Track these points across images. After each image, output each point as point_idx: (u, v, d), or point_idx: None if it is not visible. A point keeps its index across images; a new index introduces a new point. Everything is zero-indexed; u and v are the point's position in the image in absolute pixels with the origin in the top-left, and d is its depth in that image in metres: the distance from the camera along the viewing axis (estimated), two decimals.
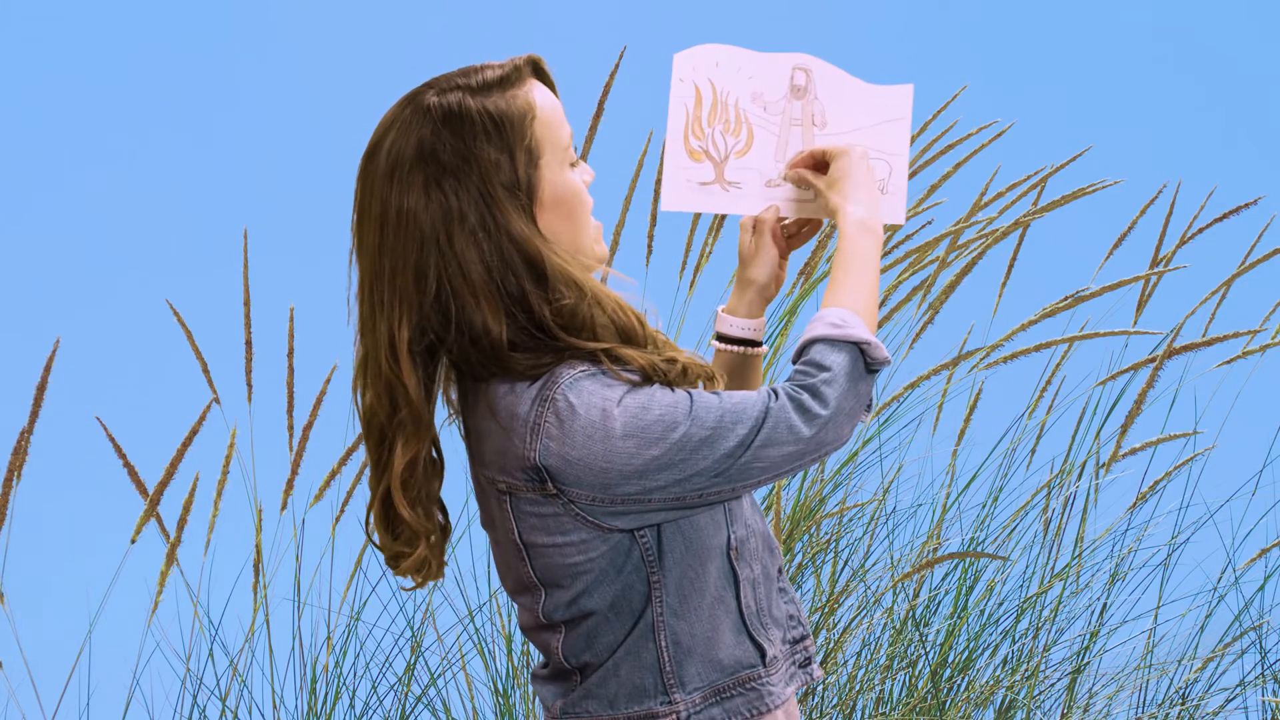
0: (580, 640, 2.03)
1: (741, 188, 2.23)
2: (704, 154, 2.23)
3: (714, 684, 2.02)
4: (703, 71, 2.21)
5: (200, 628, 3.52)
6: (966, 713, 3.77)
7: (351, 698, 3.62)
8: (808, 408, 1.98)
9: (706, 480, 1.96)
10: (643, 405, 1.94)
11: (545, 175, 1.99)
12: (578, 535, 1.98)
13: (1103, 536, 3.90)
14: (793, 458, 1.98)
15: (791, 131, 2.22)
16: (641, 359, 1.97)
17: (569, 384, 1.95)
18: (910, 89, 2.22)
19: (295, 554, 3.54)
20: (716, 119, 2.22)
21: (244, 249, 3.46)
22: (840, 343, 2.02)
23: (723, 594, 2.02)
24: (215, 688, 3.55)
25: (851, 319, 2.04)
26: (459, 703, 3.69)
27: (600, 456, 1.94)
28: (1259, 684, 3.93)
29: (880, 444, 3.81)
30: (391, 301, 1.97)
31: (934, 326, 3.76)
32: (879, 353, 2.04)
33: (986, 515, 3.88)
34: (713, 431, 1.95)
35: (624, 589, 2.00)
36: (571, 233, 2.01)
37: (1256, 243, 3.93)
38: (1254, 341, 3.80)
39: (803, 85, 2.22)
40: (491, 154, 1.97)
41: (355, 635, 3.62)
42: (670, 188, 2.24)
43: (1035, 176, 3.85)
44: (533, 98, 2.00)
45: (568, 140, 2.01)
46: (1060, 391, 3.88)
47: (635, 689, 2.02)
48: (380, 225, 1.97)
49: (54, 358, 3.23)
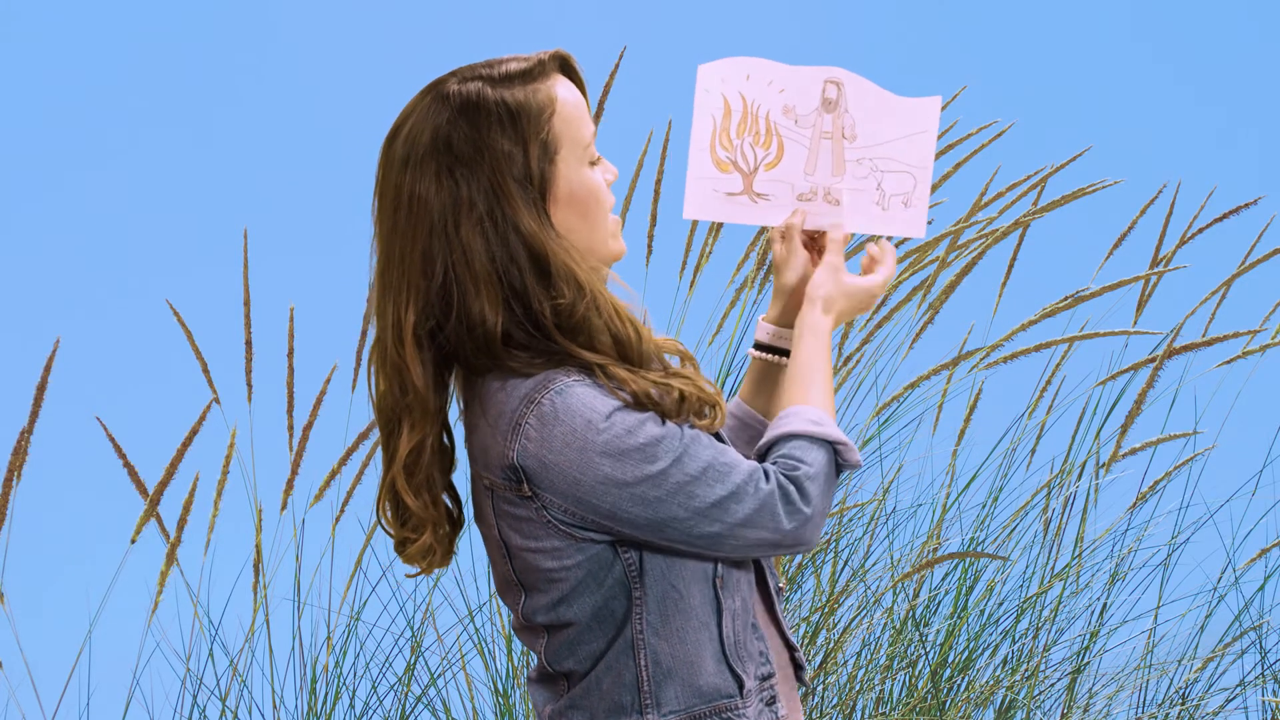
0: (563, 647, 2.02)
1: (771, 200, 2.23)
2: (732, 165, 2.23)
3: (691, 710, 2.01)
4: (733, 84, 2.21)
5: (200, 628, 3.52)
6: (966, 713, 3.77)
7: (351, 698, 3.62)
8: (793, 501, 1.99)
9: (680, 534, 1.96)
10: (629, 429, 1.94)
11: (561, 171, 1.99)
12: (550, 542, 1.98)
13: (1103, 536, 3.90)
14: (767, 545, 1.99)
15: (822, 144, 2.23)
16: (634, 384, 1.96)
17: (559, 389, 1.94)
18: (937, 101, 2.22)
19: (295, 554, 3.54)
20: (746, 131, 2.23)
21: (244, 249, 3.46)
22: (820, 441, 2.03)
23: (707, 620, 2.02)
24: (215, 688, 3.55)
25: (826, 418, 2.05)
26: (459, 703, 3.69)
27: (575, 466, 1.93)
28: (1259, 684, 3.93)
29: (880, 444, 3.81)
30: (400, 285, 1.98)
31: (934, 326, 3.76)
32: (852, 455, 2.05)
33: (986, 515, 3.88)
34: (693, 479, 1.95)
35: (606, 601, 1.99)
36: (586, 230, 2.01)
37: (1256, 243, 3.93)
38: (1254, 341, 3.80)
39: (834, 98, 2.22)
40: (505, 145, 1.97)
41: (355, 635, 3.62)
42: (695, 196, 2.24)
43: (1035, 176, 3.85)
44: (555, 92, 2.00)
45: (589, 138, 2.01)
46: (1060, 391, 3.89)
47: (614, 705, 2.01)
48: (394, 210, 1.98)
49: (54, 358, 3.23)
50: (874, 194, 2.22)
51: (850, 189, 2.22)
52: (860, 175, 2.22)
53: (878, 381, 3.80)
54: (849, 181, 2.22)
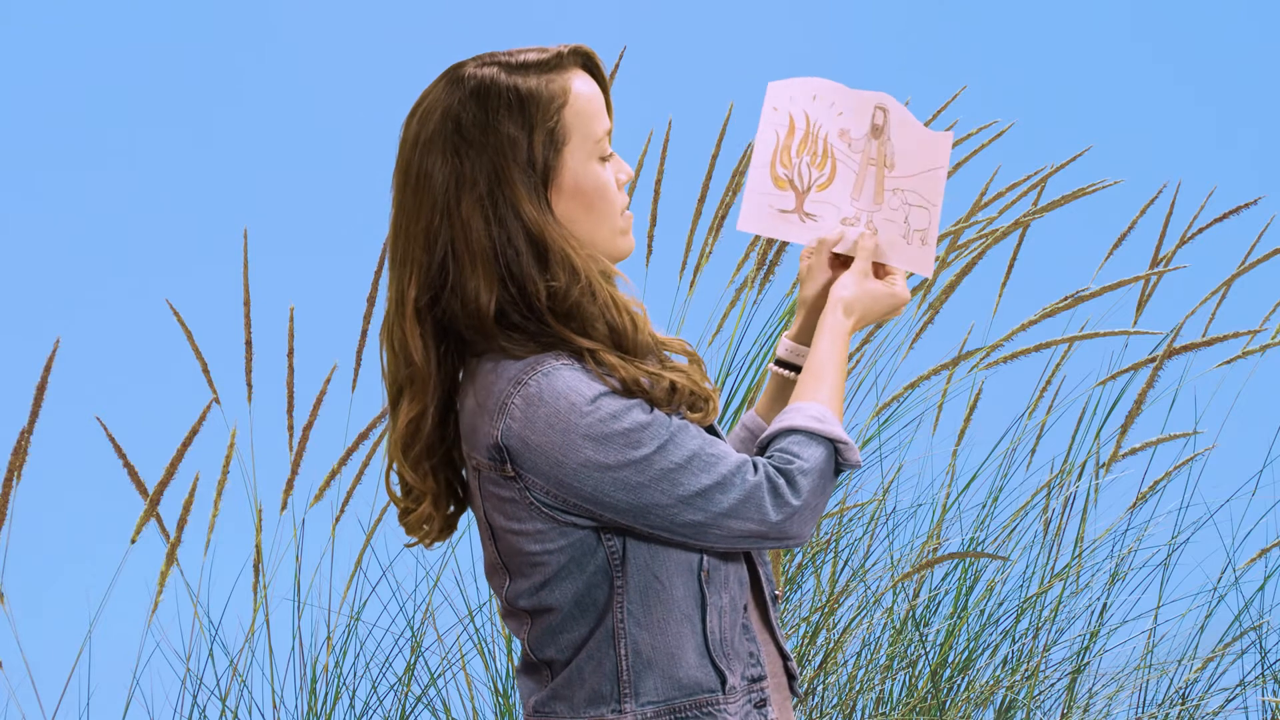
0: (546, 634, 2.03)
1: (819, 221, 2.25)
2: (789, 182, 2.25)
3: (671, 702, 2.02)
4: (800, 103, 2.23)
5: (200, 628, 3.52)
6: (966, 713, 3.77)
7: (351, 698, 3.62)
8: (781, 493, 2.00)
9: (663, 521, 1.97)
10: (614, 414, 1.96)
11: (568, 162, 2.02)
12: (533, 525, 1.99)
13: (1103, 536, 3.90)
14: (752, 537, 2.00)
15: (868, 171, 2.24)
16: (623, 370, 1.98)
17: (547, 371, 1.96)
18: (950, 136, 2.23)
19: (295, 554, 3.54)
20: (805, 150, 2.24)
21: (244, 249, 3.46)
22: (820, 438, 2.04)
23: (690, 613, 2.02)
24: (215, 688, 3.55)
25: (830, 416, 2.06)
26: (459, 703, 3.69)
27: (557, 448, 1.95)
28: (1259, 684, 3.93)
29: (880, 444, 3.81)
30: (405, 260, 2.02)
31: (934, 326, 3.76)
32: (852, 455, 2.06)
33: (986, 515, 3.88)
34: (677, 467, 1.97)
35: (588, 589, 2.01)
36: (590, 223, 2.03)
37: (1256, 243, 3.93)
38: (1254, 341, 3.80)
39: (880, 125, 2.23)
40: (511, 130, 2.00)
41: (355, 635, 3.62)
42: (750, 209, 2.26)
43: (1035, 176, 3.85)
44: (571, 84, 2.02)
45: (601, 133, 2.03)
46: (1060, 391, 3.89)
47: (594, 694, 2.02)
48: (403, 186, 2.02)
49: (54, 358, 3.23)
50: (902, 227, 2.23)
51: (886, 220, 2.23)
52: (894, 206, 2.24)
53: (878, 381, 3.80)
54: (885, 212, 2.23)
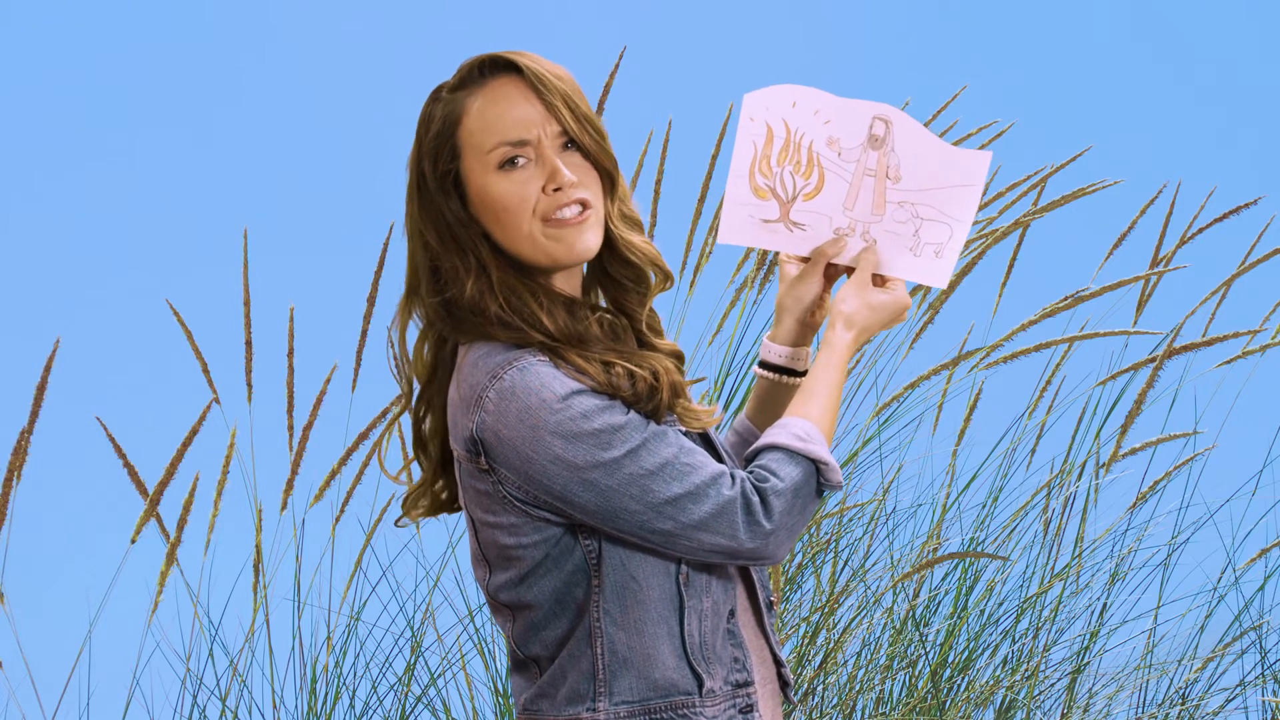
0: (528, 630, 2.06)
1: (807, 230, 2.22)
2: (770, 192, 2.22)
3: (646, 702, 2.03)
4: (776, 111, 2.19)
5: (200, 628, 3.52)
6: (966, 713, 3.77)
7: (351, 698, 3.62)
8: (754, 513, 2.01)
9: (632, 526, 1.99)
10: (585, 413, 1.98)
11: (470, 179, 2.07)
12: (507, 518, 2.02)
13: (1103, 536, 3.90)
14: (722, 553, 2.01)
15: (864, 181, 2.21)
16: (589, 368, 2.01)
17: (522, 366, 1.99)
18: (989, 156, 2.19)
19: (295, 554, 3.54)
20: (787, 159, 2.21)
21: (244, 249, 3.46)
22: (800, 457, 2.04)
23: (667, 615, 2.03)
24: (215, 688, 3.55)
25: (815, 434, 2.06)
26: (459, 703, 3.69)
27: (527, 443, 1.97)
28: (1259, 684, 3.93)
29: (880, 444, 3.81)
30: (409, 253, 2.11)
31: (934, 326, 3.76)
32: (834, 476, 2.06)
33: (986, 515, 3.88)
34: (649, 474, 1.98)
35: (567, 587, 2.03)
36: (503, 237, 2.07)
37: (1256, 243, 3.93)
38: (1254, 341, 3.80)
39: (881, 136, 2.19)
40: (430, 145, 2.07)
41: (355, 635, 3.62)
42: (730, 221, 2.23)
43: (1035, 176, 3.85)
44: (468, 102, 2.06)
45: (492, 144, 2.05)
46: (1060, 391, 3.89)
47: (573, 692, 2.04)
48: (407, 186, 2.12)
49: (54, 358, 3.23)
50: (910, 239, 2.20)
51: (887, 231, 2.21)
52: (900, 219, 2.20)
53: (878, 381, 3.80)
54: (887, 223, 2.20)
